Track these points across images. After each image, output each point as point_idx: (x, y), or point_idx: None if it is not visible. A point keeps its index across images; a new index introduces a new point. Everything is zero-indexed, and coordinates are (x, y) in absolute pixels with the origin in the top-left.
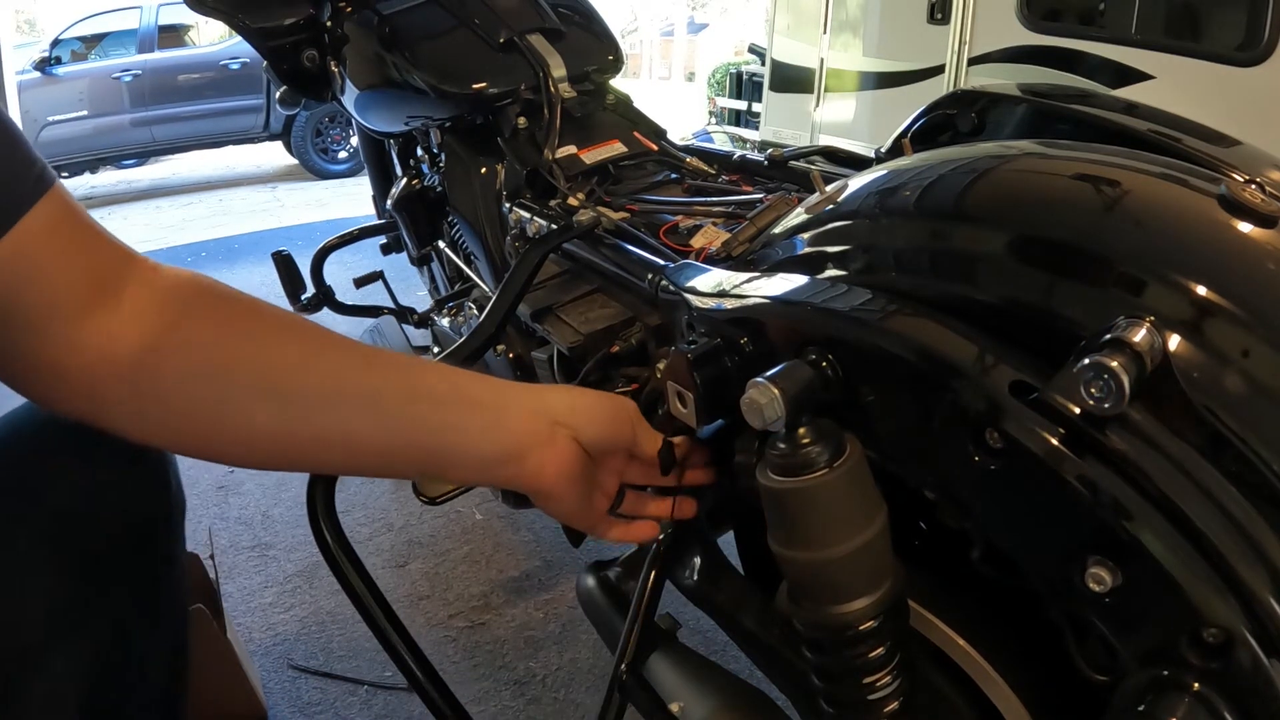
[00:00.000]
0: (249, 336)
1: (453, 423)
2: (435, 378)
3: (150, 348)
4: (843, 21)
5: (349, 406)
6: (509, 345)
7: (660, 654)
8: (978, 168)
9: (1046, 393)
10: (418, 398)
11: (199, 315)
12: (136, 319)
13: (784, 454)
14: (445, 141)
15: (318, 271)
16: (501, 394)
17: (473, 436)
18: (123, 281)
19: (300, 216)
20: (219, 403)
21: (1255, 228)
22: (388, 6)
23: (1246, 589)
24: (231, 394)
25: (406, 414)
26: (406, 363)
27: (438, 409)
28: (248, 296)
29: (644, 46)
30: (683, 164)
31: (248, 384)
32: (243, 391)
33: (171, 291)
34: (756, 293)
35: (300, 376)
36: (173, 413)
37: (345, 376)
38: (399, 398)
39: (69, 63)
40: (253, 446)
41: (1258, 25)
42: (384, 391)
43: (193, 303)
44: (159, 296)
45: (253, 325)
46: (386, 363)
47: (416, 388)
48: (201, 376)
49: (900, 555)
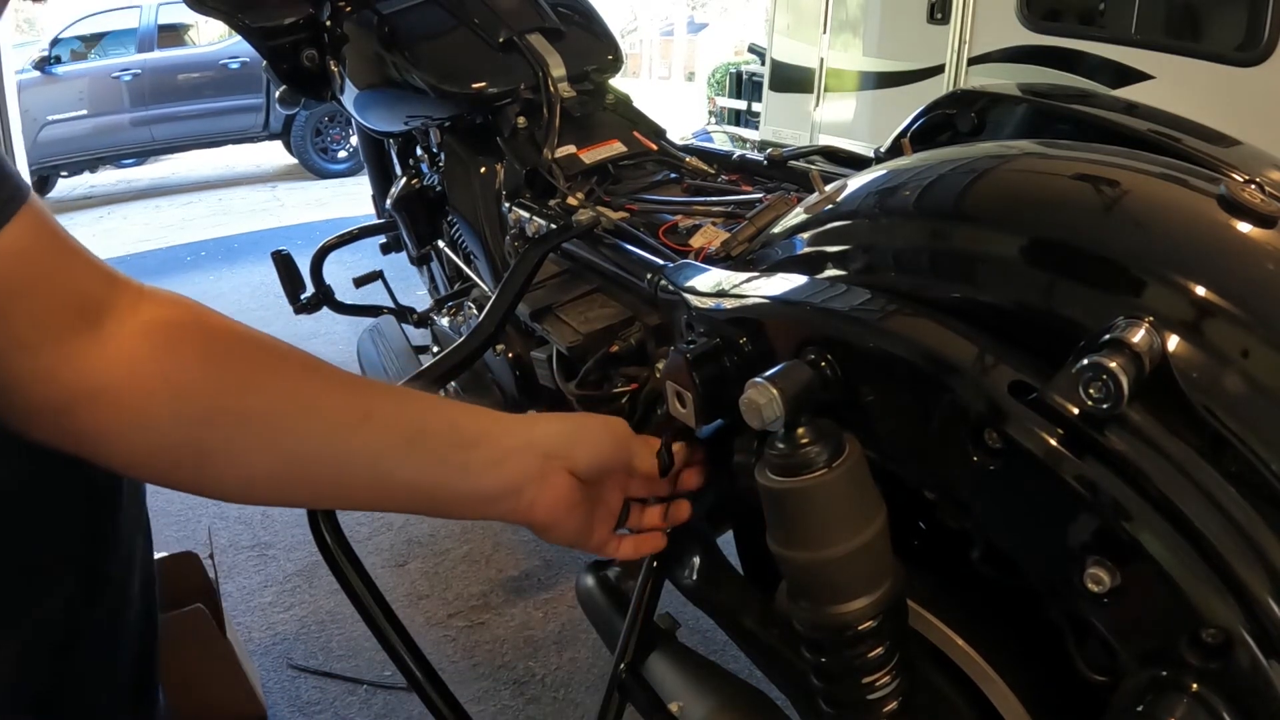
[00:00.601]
0: (240, 378)
1: (451, 463)
2: (432, 416)
3: (136, 384)
4: (842, 21)
5: (346, 457)
6: (508, 345)
7: (660, 654)
8: (977, 168)
9: (1046, 393)
10: (415, 442)
11: (188, 352)
12: (120, 351)
13: (783, 454)
14: (445, 141)
15: (317, 271)
16: (495, 429)
17: (470, 477)
18: (105, 307)
19: (300, 216)
20: (211, 448)
21: (1255, 228)
22: (387, 6)
23: (1245, 589)
24: (223, 440)
25: (406, 462)
26: (400, 399)
27: (435, 453)
28: (235, 326)
29: (644, 46)
30: (682, 164)
31: (240, 430)
32: (235, 438)
33: (158, 322)
34: (756, 293)
35: (295, 423)
36: (159, 452)
37: (341, 426)
38: (398, 444)
39: (68, 62)
40: (248, 490)
41: (1258, 25)
42: (384, 445)
43: (180, 336)
44: (144, 327)
45: (243, 365)
46: (382, 403)
47: (414, 430)
48: (193, 421)
49: (900, 555)
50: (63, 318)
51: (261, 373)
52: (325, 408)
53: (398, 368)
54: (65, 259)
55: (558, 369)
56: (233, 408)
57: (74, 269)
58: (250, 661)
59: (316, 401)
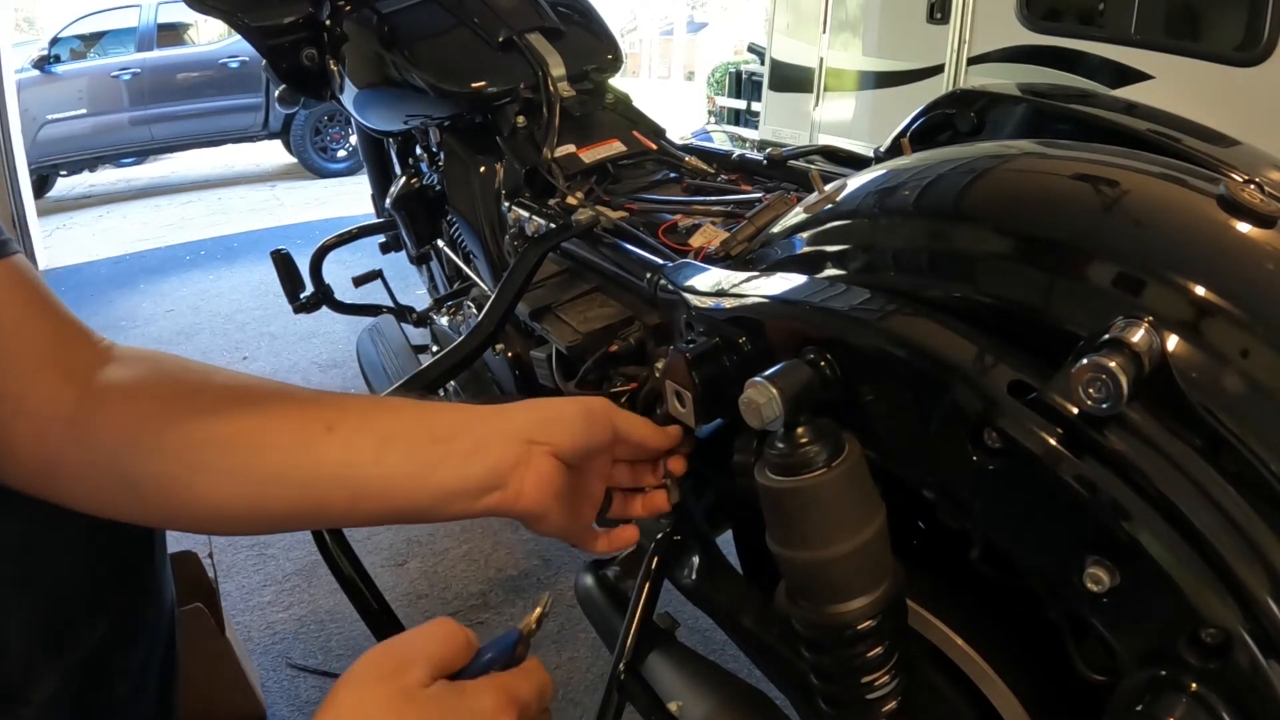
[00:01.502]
0: (199, 415)
1: (428, 458)
2: (400, 417)
3: (112, 428)
4: (842, 21)
5: (314, 469)
6: (508, 344)
7: (659, 653)
8: (977, 168)
9: (1045, 393)
10: (386, 444)
11: (156, 395)
12: (92, 396)
13: (782, 453)
14: (444, 140)
15: (316, 270)
16: (469, 420)
17: (450, 469)
18: (80, 356)
19: (299, 215)
20: (185, 485)
21: (1254, 228)
22: (387, 5)
23: (1245, 589)
24: (195, 475)
25: (380, 464)
26: (366, 406)
27: (409, 451)
28: (201, 366)
29: (643, 45)
30: (682, 163)
31: (200, 461)
32: (196, 468)
33: (129, 375)
34: (755, 292)
35: (254, 446)
36: (133, 490)
37: (302, 442)
38: (368, 448)
39: (68, 61)
40: (219, 519)
41: (1257, 25)
42: (351, 452)
43: (149, 382)
44: (117, 377)
45: (202, 403)
46: (345, 414)
47: (383, 433)
48: (163, 455)
49: (900, 555)
50: (43, 357)
51: (220, 405)
52: (286, 427)
53: (397, 367)
54: (47, 306)
55: (557, 368)
56: (192, 439)
57: (55, 316)
58: (249, 660)
59: (277, 422)
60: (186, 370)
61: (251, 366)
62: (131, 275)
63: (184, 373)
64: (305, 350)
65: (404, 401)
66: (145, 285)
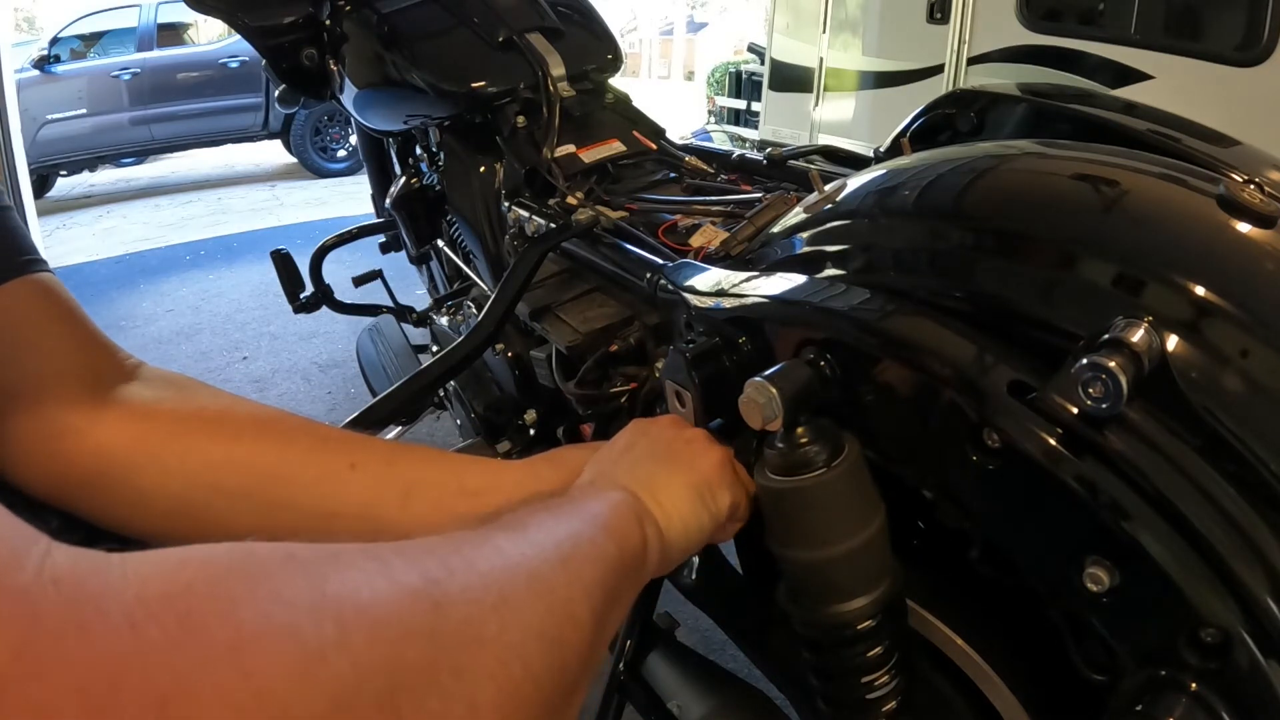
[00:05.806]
0: (227, 437)
1: (456, 515)
2: (432, 469)
3: (129, 443)
4: (842, 21)
5: (339, 516)
6: (508, 344)
7: (658, 653)
8: (976, 168)
9: (1045, 393)
10: (412, 500)
11: (178, 416)
12: (112, 410)
13: (782, 453)
14: (444, 140)
15: (316, 270)
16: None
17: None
18: (103, 370)
19: (299, 215)
20: (202, 505)
21: (1254, 228)
22: (387, 5)
23: (1244, 589)
24: (212, 496)
25: (402, 518)
26: (393, 453)
27: (438, 508)
28: (228, 395)
29: (643, 45)
30: (682, 163)
31: (227, 486)
32: (223, 494)
33: (153, 394)
34: (755, 292)
35: (284, 483)
36: (146, 506)
37: (332, 482)
38: (392, 501)
39: (68, 61)
40: None
41: (1257, 25)
42: (376, 500)
43: (172, 402)
44: (140, 394)
45: (228, 426)
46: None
47: (412, 486)
48: (182, 474)
49: (899, 555)
50: (73, 374)
51: (243, 431)
52: (308, 459)
53: (397, 367)
54: (78, 323)
55: (557, 368)
56: (212, 460)
57: (86, 333)
58: None
59: (299, 454)
60: (212, 395)
61: (251, 366)
62: (131, 275)
63: (209, 397)
64: (305, 350)
65: (431, 450)
66: (145, 285)
